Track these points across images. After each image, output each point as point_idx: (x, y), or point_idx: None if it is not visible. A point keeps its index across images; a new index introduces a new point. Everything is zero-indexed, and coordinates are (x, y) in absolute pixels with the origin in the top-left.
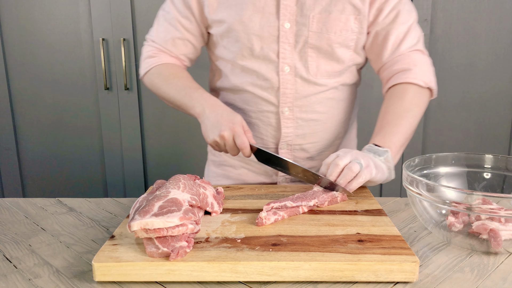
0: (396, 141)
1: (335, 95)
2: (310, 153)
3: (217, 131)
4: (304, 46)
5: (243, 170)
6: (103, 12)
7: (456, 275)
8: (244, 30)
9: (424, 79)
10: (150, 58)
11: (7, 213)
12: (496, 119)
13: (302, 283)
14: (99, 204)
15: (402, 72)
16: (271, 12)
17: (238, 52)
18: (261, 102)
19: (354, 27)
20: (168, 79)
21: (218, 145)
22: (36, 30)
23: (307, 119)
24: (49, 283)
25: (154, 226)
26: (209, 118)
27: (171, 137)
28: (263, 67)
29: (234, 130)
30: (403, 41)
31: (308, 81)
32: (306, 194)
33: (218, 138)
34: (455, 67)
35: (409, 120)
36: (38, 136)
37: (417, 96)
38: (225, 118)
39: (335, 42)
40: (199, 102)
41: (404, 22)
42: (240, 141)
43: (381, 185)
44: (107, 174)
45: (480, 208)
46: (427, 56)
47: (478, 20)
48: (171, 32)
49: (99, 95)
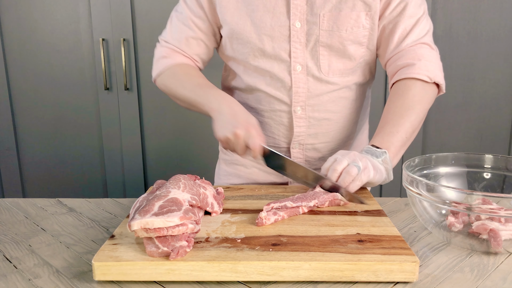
0: (395, 141)
1: (347, 94)
2: (322, 152)
3: (232, 127)
4: (316, 45)
5: (254, 170)
6: (103, 12)
7: (456, 275)
8: (255, 31)
9: (429, 74)
10: (163, 59)
11: (7, 213)
12: (496, 119)
13: (302, 283)
14: (99, 204)
15: (406, 67)
16: (282, 12)
17: (250, 52)
18: (274, 101)
19: (365, 23)
20: (183, 78)
21: (228, 142)
22: (36, 30)
23: (319, 118)
24: (49, 283)
25: (154, 226)
26: (225, 114)
27: (171, 137)
28: (275, 66)
29: (248, 130)
30: (409, 34)
31: (320, 80)
32: (306, 195)
33: (231, 134)
34: (455, 67)
35: (410, 119)
36: (38, 136)
37: (420, 92)
38: (241, 117)
39: (346, 39)
40: (216, 98)
41: (412, 15)
42: (253, 142)
43: (380, 186)
44: (107, 174)
45: (480, 208)
46: (435, 50)
47: (478, 20)
48: (184, 31)
49: (99, 95)
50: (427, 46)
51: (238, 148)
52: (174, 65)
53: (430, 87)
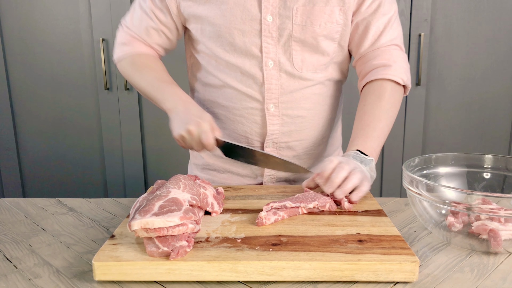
0: (376, 147)
1: (321, 91)
2: (296, 151)
3: (184, 125)
4: (288, 40)
5: (228, 174)
6: (103, 12)
7: (456, 275)
8: (225, 25)
9: (403, 77)
10: (123, 46)
11: (8, 213)
12: (496, 119)
13: (302, 283)
14: (99, 204)
15: (382, 67)
16: (253, 5)
17: (220, 47)
18: (246, 98)
19: (339, 19)
20: (142, 70)
21: (183, 139)
22: (36, 30)
23: (293, 116)
24: (49, 283)
25: (155, 226)
26: (179, 113)
27: (171, 137)
28: (246, 62)
29: (200, 126)
30: (383, 33)
31: (293, 76)
32: (306, 195)
33: (184, 132)
34: (455, 67)
35: (387, 122)
36: (38, 136)
37: (394, 94)
38: (193, 114)
39: (319, 34)
40: (172, 97)
41: (385, 13)
42: (205, 137)
43: (381, 186)
44: (107, 174)
45: (480, 208)
46: (404, 53)
47: (478, 20)
48: (145, 20)
49: (99, 95)
50: (399, 48)
51: (194, 144)
52: (134, 54)
53: (400, 89)
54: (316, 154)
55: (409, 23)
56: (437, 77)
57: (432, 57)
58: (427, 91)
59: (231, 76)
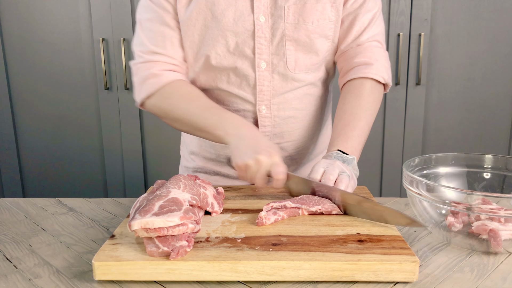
0: (357, 146)
1: (312, 91)
2: (288, 151)
3: (253, 153)
4: (282, 40)
5: (217, 177)
6: (103, 12)
7: (456, 275)
8: (217, 26)
9: (384, 76)
10: (146, 81)
11: (8, 213)
12: (496, 119)
13: (302, 283)
14: (99, 204)
15: (363, 65)
16: (245, 6)
17: (212, 48)
18: (237, 100)
19: (331, 15)
20: (185, 100)
21: (248, 168)
22: (36, 30)
23: (285, 117)
24: (49, 283)
25: (155, 226)
26: (246, 139)
27: (171, 137)
28: (238, 63)
29: (272, 157)
30: (367, 29)
31: (286, 77)
32: (310, 198)
33: (252, 161)
34: (455, 67)
35: (367, 120)
36: (38, 136)
37: (374, 93)
38: (264, 143)
39: (313, 32)
40: (231, 121)
41: (370, 9)
42: (277, 170)
43: (381, 186)
44: (107, 174)
45: (480, 208)
46: (385, 50)
47: (478, 20)
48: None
49: (99, 95)
50: (380, 45)
51: (259, 175)
52: (166, 84)
53: (380, 87)
54: (308, 152)
55: (409, 23)
56: (437, 77)
57: (432, 57)
58: (427, 91)
59: (222, 78)
